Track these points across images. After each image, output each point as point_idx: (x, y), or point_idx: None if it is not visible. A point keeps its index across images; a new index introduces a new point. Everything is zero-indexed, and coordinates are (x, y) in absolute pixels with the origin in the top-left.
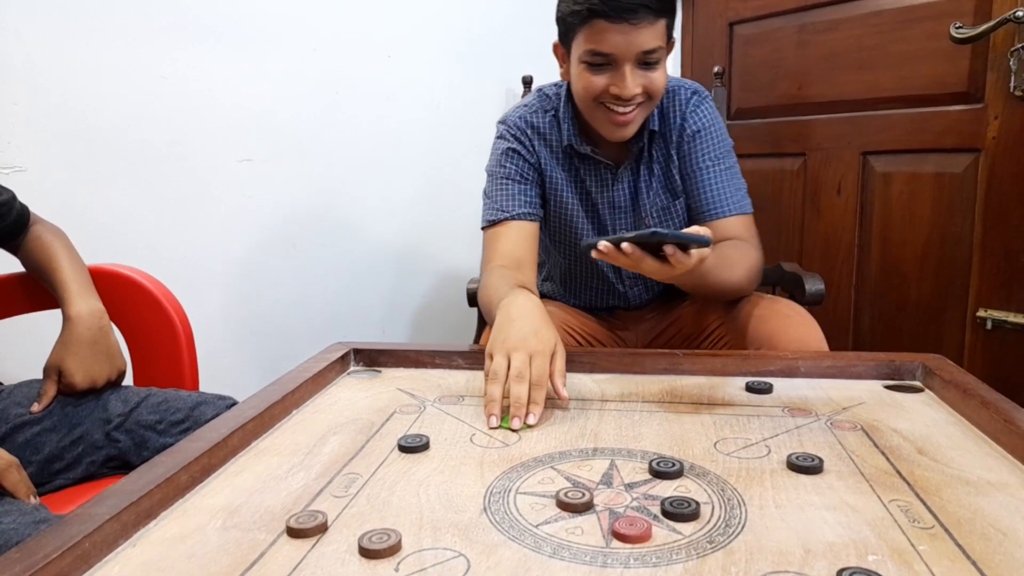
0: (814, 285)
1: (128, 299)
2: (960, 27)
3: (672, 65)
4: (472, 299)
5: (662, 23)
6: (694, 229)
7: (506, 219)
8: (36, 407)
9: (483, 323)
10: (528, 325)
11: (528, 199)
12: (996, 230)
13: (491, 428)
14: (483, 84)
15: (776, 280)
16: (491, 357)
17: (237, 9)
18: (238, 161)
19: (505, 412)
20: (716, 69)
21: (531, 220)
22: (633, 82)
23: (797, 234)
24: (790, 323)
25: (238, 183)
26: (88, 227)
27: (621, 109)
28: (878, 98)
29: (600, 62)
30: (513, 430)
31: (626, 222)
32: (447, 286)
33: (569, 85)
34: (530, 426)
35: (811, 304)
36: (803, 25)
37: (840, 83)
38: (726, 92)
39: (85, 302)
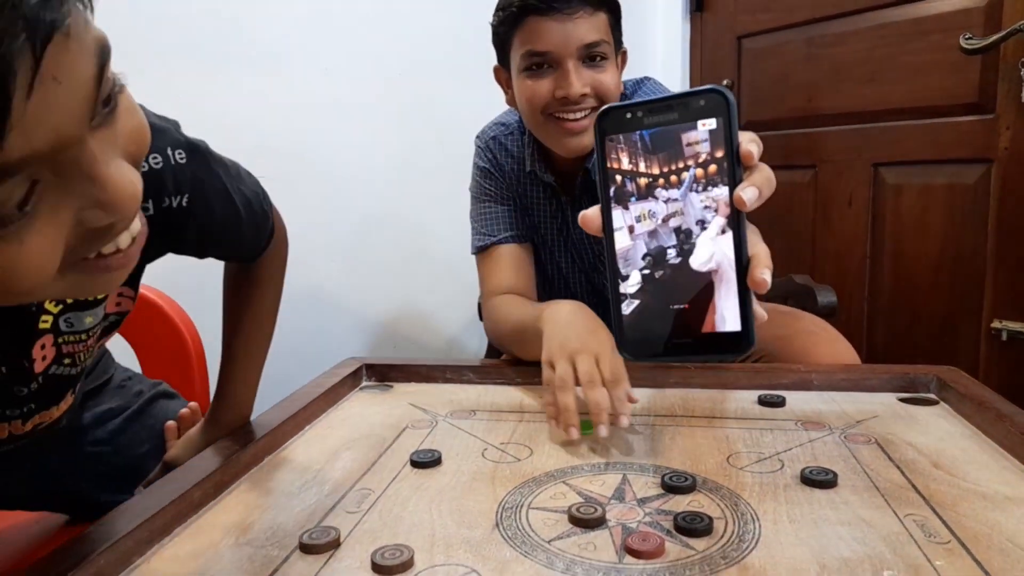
0: (826, 297)
1: (139, 315)
2: (970, 38)
3: (681, 79)
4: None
5: (602, 17)
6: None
7: (494, 244)
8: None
9: None
10: (583, 325)
11: (511, 220)
12: (1010, 240)
13: (572, 439)
14: (493, 102)
15: (787, 292)
16: (551, 365)
17: (248, 32)
18: None
19: (559, 422)
20: (725, 82)
21: (520, 243)
22: (578, 80)
23: (808, 246)
24: (818, 340)
25: None
26: None
27: (571, 116)
28: (888, 110)
29: (539, 62)
30: (600, 436)
31: (584, 259)
32: (458, 302)
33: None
34: (623, 428)
35: (823, 317)
36: (811, 38)
37: (850, 95)
38: (736, 105)
39: (238, 412)
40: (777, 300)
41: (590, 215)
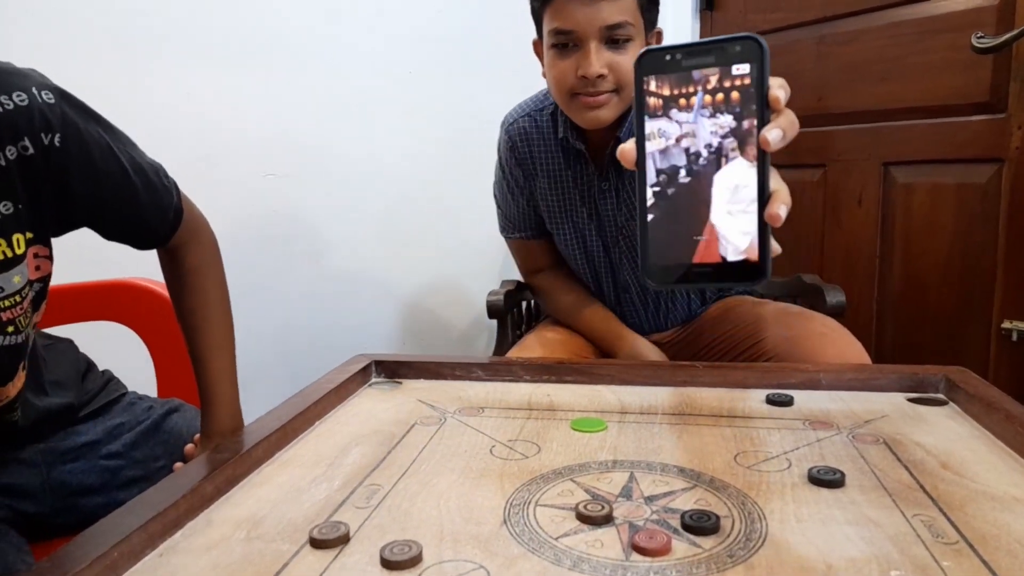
0: (835, 297)
1: (152, 312)
2: (982, 37)
3: None
4: (491, 311)
5: None
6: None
7: (520, 238)
8: None
9: (503, 335)
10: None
11: (530, 220)
12: (1020, 241)
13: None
14: (505, 98)
15: (796, 292)
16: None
17: (261, 27)
18: (262, 176)
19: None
20: None
21: (538, 240)
22: (598, 61)
23: (817, 245)
24: (827, 341)
25: (262, 197)
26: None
27: (591, 92)
28: (899, 108)
29: (564, 41)
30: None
31: (607, 231)
32: (467, 299)
33: None
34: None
35: (832, 316)
36: (822, 36)
37: (860, 94)
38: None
39: (227, 419)
40: (786, 299)
41: (628, 147)
